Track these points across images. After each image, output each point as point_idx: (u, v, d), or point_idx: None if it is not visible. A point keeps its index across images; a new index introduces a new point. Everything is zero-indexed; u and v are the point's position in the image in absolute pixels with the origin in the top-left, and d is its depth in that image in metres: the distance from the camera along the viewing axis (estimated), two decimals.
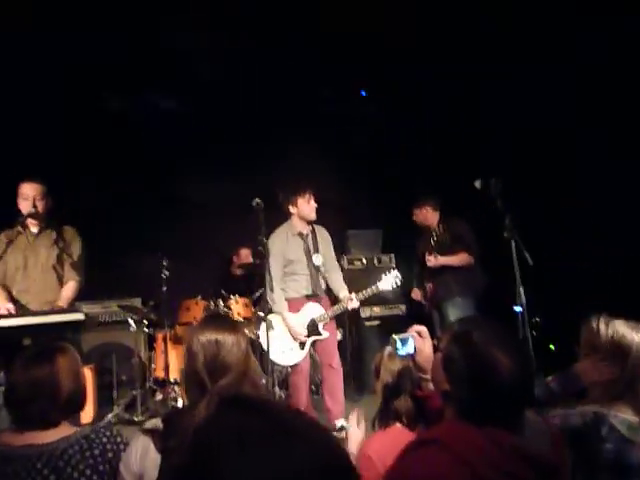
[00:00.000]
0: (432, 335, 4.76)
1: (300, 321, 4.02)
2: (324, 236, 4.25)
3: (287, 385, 4.90)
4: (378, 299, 5.42)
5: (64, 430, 1.64)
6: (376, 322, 5.38)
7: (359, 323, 5.40)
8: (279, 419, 0.63)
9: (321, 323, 4.04)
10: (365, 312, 5.39)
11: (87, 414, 4.37)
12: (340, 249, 5.83)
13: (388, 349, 2.02)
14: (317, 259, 4.09)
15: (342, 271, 4.42)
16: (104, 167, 5.58)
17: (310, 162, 5.89)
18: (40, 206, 3.43)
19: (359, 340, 5.41)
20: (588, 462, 1.52)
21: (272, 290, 3.84)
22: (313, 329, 4.02)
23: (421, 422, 1.76)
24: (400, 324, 5.43)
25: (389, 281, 4.01)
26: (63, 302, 3.35)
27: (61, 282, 3.49)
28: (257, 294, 5.06)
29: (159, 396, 4.79)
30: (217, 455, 0.59)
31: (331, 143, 6.02)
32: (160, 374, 4.79)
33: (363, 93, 6.07)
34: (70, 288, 3.46)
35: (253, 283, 5.17)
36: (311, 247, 4.12)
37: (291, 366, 4.12)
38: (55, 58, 4.77)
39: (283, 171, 5.91)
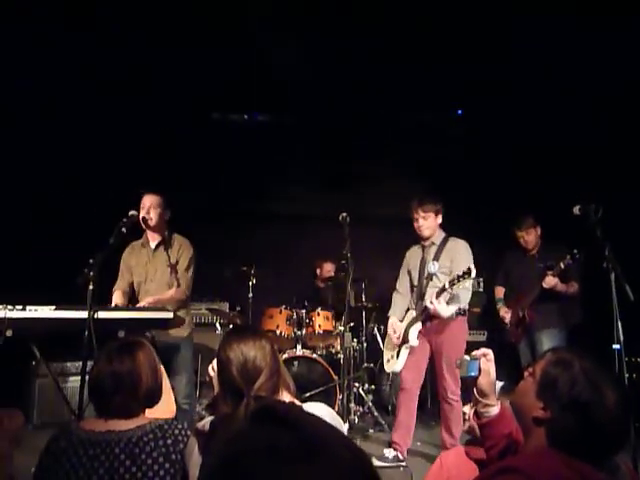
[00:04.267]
0: (516, 364, 4.53)
1: (398, 325, 3.87)
2: (456, 248, 3.85)
3: (363, 402, 4.89)
4: None
5: (141, 419, 1.75)
6: None
7: None
8: (309, 435, 0.63)
9: (412, 329, 3.73)
10: None
11: (170, 410, 4.60)
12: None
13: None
14: (432, 266, 3.79)
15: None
16: (201, 176, 5.91)
17: (401, 180, 5.88)
18: (153, 214, 3.62)
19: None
20: None
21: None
22: (405, 336, 3.78)
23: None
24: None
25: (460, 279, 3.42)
26: (164, 297, 3.57)
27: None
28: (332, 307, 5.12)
29: None
30: (246, 467, 0.60)
31: (423, 161, 5.97)
32: None
33: (460, 112, 5.97)
34: (174, 290, 3.66)
35: (335, 296, 5.22)
36: (429, 256, 3.85)
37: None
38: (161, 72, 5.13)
39: (373, 188, 5.95)
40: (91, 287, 2.85)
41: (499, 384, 1.78)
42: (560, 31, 4.18)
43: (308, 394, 4.32)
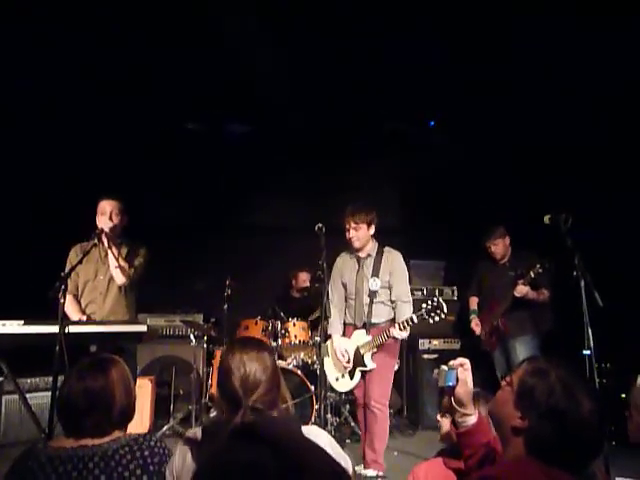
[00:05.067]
0: (491, 372, 4.57)
1: (345, 346, 3.75)
2: (393, 261, 3.78)
3: (340, 413, 4.88)
4: (436, 332, 5.32)
5: (114, 435, 1.69)
6: (434, 355, 5.25)
7: (416, 355, 5.29)
8: (291, 454, 0.63)
9: (366, 353, 3.67)
10: (423, 345, 5.29)
11: (144, 424, 4.51)
12: None
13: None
14: (373, 284, 3.71)
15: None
16: (173, 187, 5.87)
17: (375, 190, 5.91)
18: (116, 221, 3.59)
19: (415, 372, 5.29)
20: None
21: (329, 313, 3.68)
22: (358, 359, 3.70)
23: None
24: (456, 358, 5.31)
25: (432, 314, 3.44)
26: (122, 260, 3.56)
27: (126, 295, 3.64)
28: (311, 317, 5.11)
29: (213, 413, 4.86)
30: None
31: (397, 172, 6.03)
32: (216, 391, 4.86)
33: (432, 124, 6.04)
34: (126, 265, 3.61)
35: (311, 307, 5.21)
36: (368, 271, 3.76)
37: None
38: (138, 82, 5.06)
39: (348, 197, 5.96)
40: (62, 301, 2.78)
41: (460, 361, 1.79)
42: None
43: (284, 405, 4.28)
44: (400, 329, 3.49)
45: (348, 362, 3.73)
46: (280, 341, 4.80)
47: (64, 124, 5.10)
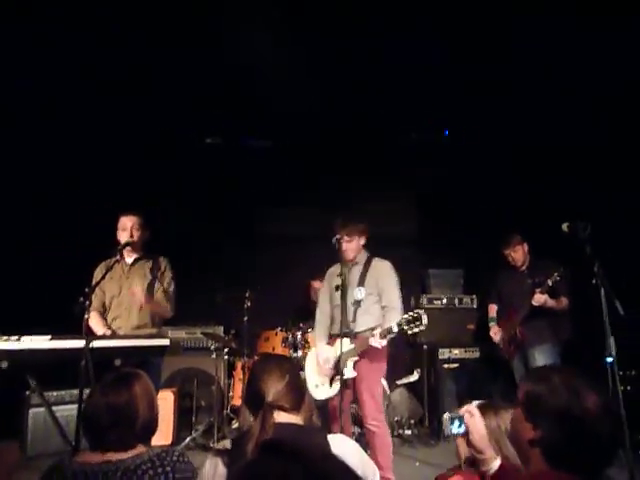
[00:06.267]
0: (510, 380, 4.51)
1: (327, 354, 3.68)
2: (380, 270, 3.74)
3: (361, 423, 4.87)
4: (457, 341, 5.31)
5: (138, 449, 1.73)
6: (454, 364, 5.23)
7: (436, 364, 5.27)
8: (317, 466, 0.67)
9: (347, 361, 3.57)
10: (444, 354, 5.27)
11: (167, 436, 4.56)
12: (421, 288, 5.78)
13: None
14: (358, 293, 3.66)
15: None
16: (190, 199, 5.96)
17: (392, 199, 5.94)
18: (136, 236, 3.64)
19: (436, 382, 5.27)
20: None
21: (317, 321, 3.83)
22: (338, 367, 3.59)
23: None
24: (477, 367, 5.28)
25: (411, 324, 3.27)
26: (159, 306, 3.63)
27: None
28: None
29: (235, 424, 4.90)
30: None
31: (413, 181, 6.03)
32: (237, 402, 4.91)
33: (446, 132, 6.06)
34: (168, 305, 3.71)
35: None
36: (354, 279, 3.72)
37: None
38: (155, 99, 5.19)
39: (364, 208, 5.99)
40: (86, 316, 2.85)
41: (475, 403, 1.76)
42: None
43: (308, 414, 4.29)
44: (380, 337, 3.38)
45: (330, 368, 3.66)
46: (300, 352, 4.82)
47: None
